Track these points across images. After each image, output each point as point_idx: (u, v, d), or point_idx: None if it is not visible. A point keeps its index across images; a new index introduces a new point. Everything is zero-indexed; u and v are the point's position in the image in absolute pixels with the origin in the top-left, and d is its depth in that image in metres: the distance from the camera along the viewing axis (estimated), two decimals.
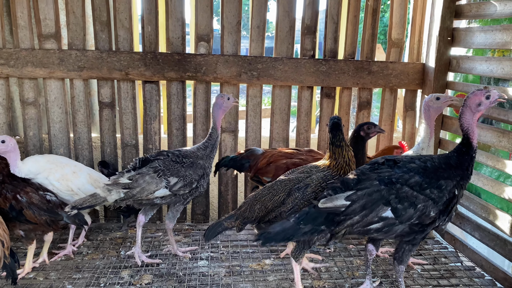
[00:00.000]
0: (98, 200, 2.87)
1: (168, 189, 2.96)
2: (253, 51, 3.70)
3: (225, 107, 3.14)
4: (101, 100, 3.69)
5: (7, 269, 2.33)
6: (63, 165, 3.15)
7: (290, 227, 2.33)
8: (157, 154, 3.07)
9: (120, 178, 2.92)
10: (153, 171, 2.95)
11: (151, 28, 3.59)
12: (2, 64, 3.46)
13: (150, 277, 2.91)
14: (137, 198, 2.93)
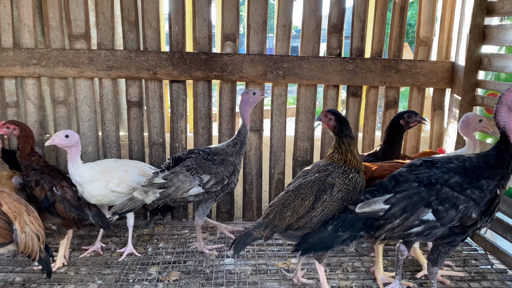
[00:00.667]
0: (136, 203, 2.97)
1: (202, 186, 3.00)
2: (278, 50, 3.70)
3: (251, 102, 3.14)
4: (129, 99, 3.75)
5: (42, 263, 2.40)
6: (114, 169, 3.11)
7: (329, 235, 2.32)
8: (188, 153, 3.12)
9: (155, 178, 2.98)
10: (186, 170, 2.99)
11: (178, 28, 3.63)
12: (35, 64, 3.56)
13: (178, 274, 2.95)
14: (172, 197, 2.99)
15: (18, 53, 3.54)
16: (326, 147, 3.85)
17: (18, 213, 2.25)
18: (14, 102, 3.70)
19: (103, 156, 3.83)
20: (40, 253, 2.36)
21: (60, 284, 2.80)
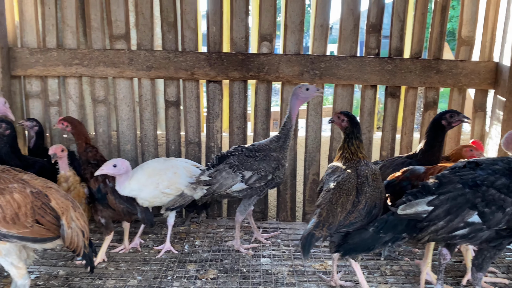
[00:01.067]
0: (186, 199, 3.12)
1: (244, 182, 3.07)
2: (315, 50, 3.68)
3: (302, 97, 3.10)
4: (167, 98, 3.81)
5: (86, 258, 2.46)
6: (164, 170, 3.12)
7: (370, 237, 2.30)
8: (233, 150, 3.20)
9: (201, 176, 3.10)
10: (229, 167, 3.08)
11: (216, 28, 3.66)
12: (77, 64, 3.66)
13: (215, 272, 2.97)
14: (217, 193, 3.10)
15: (62, 53, 3.65)
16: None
17: (65, 209, 2.32)
18: (56, 101, 3.82)
19: (141, 155, 3.91)
20: (84, 249, 2.42)
21: (102, 279, 2.87)
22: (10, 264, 2.26)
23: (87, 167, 3.20)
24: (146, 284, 2.81)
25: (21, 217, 2.14)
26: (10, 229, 2.13)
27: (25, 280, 2.32)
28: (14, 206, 2.13)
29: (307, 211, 3.94)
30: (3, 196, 2.11)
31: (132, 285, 2.79)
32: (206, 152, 3.90)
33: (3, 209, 2.10)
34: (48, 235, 2.27)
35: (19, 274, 2.29)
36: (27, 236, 2.19)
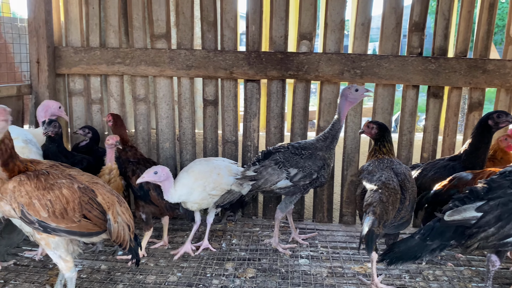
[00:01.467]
0: (235, 195, 3.17)
1: (289, 179, 3.07)
2: (356, 49, 3.62)
3: (351, 98, 3.06)
4: (205, 97, 3.84)
5: (132, 251, 2.50)
6: (209, 173, 3.10)
7: (416, 245, 2.26)
8: (278, 147, 3.21)
9: (247, 171, 3.12)
10: (274, 163, 3.10)
11: (255, 27, 3.65)
12: (119, 63, 3.74)
13: (254, 271, 2.97)
14: (262, 189, 3.12)
15: (105, 52, 3.73)
16: (402, 150, 3.71)
17: (111, 204, 2.37)
18: (98, 99, 3.91)
19: (179, 153, 3.95)
20: (130, 243, 2.47)
21: (142, 275, 2.91)
22: (59, 257, 2.32)
23: (128, 165, 3.26)
24: (185, 281, 2.84)
25: (69, 212, 2.20)
26: (59, 224, 2.19)
27: (72, 273, 2.38)
28: (63, 201, 2.18)
29: (344, 212, 3.88)
30: (52, 191, 2.17)
31: (172, 281, 2.83)
32: (243, 151, 3.91)
33: (53, 204, 2.16)
34: (95, 230, 2.32)
35: (66, 267, 2.35)
36: (75, 230, 2.25)
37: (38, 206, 2.12)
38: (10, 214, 2.20)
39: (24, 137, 2.98)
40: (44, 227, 2.17)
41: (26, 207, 2.11)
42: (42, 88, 3.71)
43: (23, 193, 2.10)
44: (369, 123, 3.01)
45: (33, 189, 2.11)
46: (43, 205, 2.13)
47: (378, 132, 2.94)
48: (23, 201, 2.10)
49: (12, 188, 2.10)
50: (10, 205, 2.12)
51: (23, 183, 2.11)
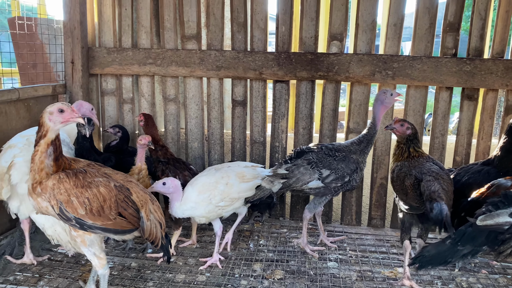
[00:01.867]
0: (265, 192, 3.12)
1: (321, 181, 3.06)
2: (387, 50, 3.56)
3: (387, 103, 3.08)
4: (234, 98, 3.85)
5: (163, 249, 2.53)
6: (214, 184, 2.95)
7: (447, 249, 2.22)
8: (311, 147, 3.20)
9: (279, 169, 3.11)
10: (307, 163, 3.08)
11: (285, 28, 3.64)
12: (151, 63, 3.79)
13: (282, 273, 2.96)
14: (292, 187, 3.11)
15: (137, 53, 3.79)
16: (434, 153, 3.63)
17: (144, 202, 2.40)
18: (130, 99, 3.98)
19: (208, 152, 3.98)
20: (162, 240, 2.50)
21: (172, 273, 2.95)
22: (93, 254, 2.37)
23: (158, 165, 3.31)
24: (214, 281, 2.85)
25: (105, 209, 2.24)
26: (95, 221, 2.24)
27: (105, 270, 2.42)
28: (100, 199, 2.23)
29: (373, 216, 3.83)
30: (90, 189, 2.22)
31: (201, 281, 2.85)
32: (271, 152, 3.90)
33: (90, 202, 2.20)
34: (129, 227, 2.36)
35: (100, 264, 2.40)
36: (110, 228, 2.29)
37: (76, 203, 2.17)
38: (47, 211, 2.26)
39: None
40: (80, 224, 2.22)
41: (65, 204, 2.16)
42: (76, 87, 3.80)
43: (62, 191, 2.15)
44: (404, 122, 2.90)
45: (72, 186, 2.16)
46: (81, 202, 2.17)
47: (412, 134, 2.91)
48: (62, 198, 2.15)
49: (51, 185, 2.16)
50: (48, 202, 2.18)
51: (62, 180, 2.16)
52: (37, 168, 2.18)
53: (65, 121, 2.18)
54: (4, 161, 2.69)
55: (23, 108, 3.31)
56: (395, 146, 3.01)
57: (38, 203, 2.24)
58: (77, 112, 2.20)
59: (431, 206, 2.47)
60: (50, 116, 2.16)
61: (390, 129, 2.97)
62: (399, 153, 2.95)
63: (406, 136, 2.91)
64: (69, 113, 2.18)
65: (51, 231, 2.62)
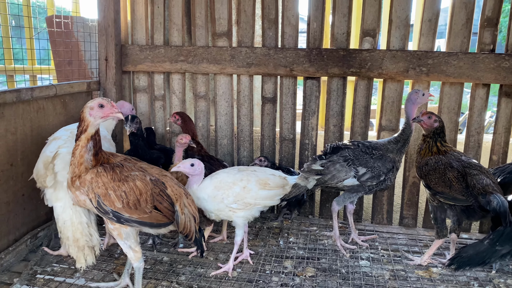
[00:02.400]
0: (300, 189, 3.08)
1: (357, 178, 3.02)
2: (422, 46, 3.49)
3: (419, 103, 3.09)
4: (264, 95, 3.85)
5: (197, 242, 2.55)
6: (230, 184, 2.83)
7: (485, 250, 2.17)
8: (347, 143, 3.16)
9: (313, 164, 3.08)
10: (343, 160, 3.05)
11: (317, 24, 3.62)
12: (182, 61, 3.83)
13: (313, 270, 2.94)
14: (327, 184, 3.08)
15: (168, 50, 3.84)
16: (469, 151, 3.54)
17: (179, 196, 2.43)
18: (161, 96, 4.03)
19: (237, 149, 3.99)
20: (196, 234, 2.52)
21: (203, 268, 2.97)
22: (129, 247, 2.41)
23: None
24: (245, 276, 2.86)
25: (142, 203, 2.27)
26: (131, 214, 2.28)
27: (140, 263, 2.46)
28: (137, 192, 2.26)
29: (405, 215, 3.76)
30: (127, 183, 2.25)
31: (232, 276, 2.86)
32: (300, 149, 3.88)
33: (127, 195, 2.24)
34: (164, 221, 2.39)
35: (135, 257, 2.44)
36: (146, 221, 2.32)
37: (113, 197, 2.21)
38: (85, 204, 2.31)
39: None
40: (117, 217, 2.26)
41: (102, 197, 2.21)
42: (109, 84, 3.87)
43: (100, 184, 2.20)
44: (431, 114, 2.89)
45: (109, 180, 2.20)
46: (118, 196, 2.21)
47: (440, 127, 2.91)
48: (100, 192, 2.20)
49: (90, 179, 2.20)
50: (86, 195, 2.23)
51: (100, 174, 2.21)
52: (76, 162, 2.23)
53: (105, 116, 2.22)
54: (49, 151, 2.78)
55: (60, 104, 3.39)
56: (421, 141, 3.02)
57: (77, 196, 2.29)
58: (116, 108, 2.24)
59: (488, 199, 2.45)
60: (90, 111, 2.21)
61: (417, 122, 2.94)
62: (426, 148, 2.93)
63: (433, 129, 2.90)
64: (109, 108, 2.22)
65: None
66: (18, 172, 3.01)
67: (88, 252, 2.67)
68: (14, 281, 2.74)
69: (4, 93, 2.77)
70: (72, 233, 2.65)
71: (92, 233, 2.70)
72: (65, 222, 2.67)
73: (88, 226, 2.69)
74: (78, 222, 2.66)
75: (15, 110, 2.94)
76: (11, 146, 2.93)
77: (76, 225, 2.66)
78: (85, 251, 2.66)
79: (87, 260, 2.67)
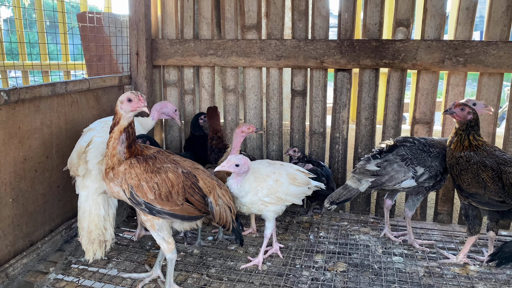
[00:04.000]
0: (352, 192, 2.93)
1: (415, 179, 2.85)
2: (458, 35, 3.36)
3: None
4: (294, 88, 3.80)
5: (235, 232, 2.55)
6: (265, 176, 2.76)
7: None
8: (403, 140, 2.99)
9: (367, 165, 2.91)
10: (401, 159, 2.87)
11: (348, 15, 3.54)
12: (211, 54, 3.82)
13: (345, 265, 2.88)
14: (384, 186, 2.88)
15: (198, 44, 3.84)
16: (509, 146, 3.39)
17: (211, 188, 2.42)
18: (191, 90, 4.05)
19: (266, 144, 3.96)
20: (233, 223, 2.51)
21: (233, 261, 2.96)
22: (162, 239, 2.42)
23: (211, 153, 3.43)
24: (276, 270, 2.84)
25: (173, 195, 2.28)
26: (163, 206, 2.29)
27: (173, 254, 2.47)
28: (168, 184, 2.27)
29: (440, 210, 3.64)
30: (159, 175, 2.26)
31: (262, 270, 2.84)
32: (331, 143, 3.82)
33: (159, 187, 2.25)
34: (195, 214, 2.39)
35: (168, 248, 2.45)
36: (177, 213, 2.33)
37: (146, 188, 2.23)
38: (119, 195, 2.34)
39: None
40: (150, 209, 2.28)
41: (135, 188, 2.23)
42: (140, 79, 3.91)
43: (133, 175, 2.22)
44: (465, 106, 2.74)
45: (142, 171, 2.22)
46: (150, 187, 2.23)
47: (473, 120, 2.75)
48: (133, 183, 2.22)
49: (123, 170, 2.23)
50: (120, 186, 2.26)
51: (134, 166, 2.23)
52: (110, 154, 2.26)
53: (133, 109, 2.25)
54: (83, 141, 2.84)
55: (92, 98, 3.45)
56: (453, 133, 2.84)
57: (111, 188, 2.32)
58: (143, 101, 2.25)
59: None
60: (121, 105, 2.24)
61: (450, 114, 2.80)
62: (458, 141, 2.77)
63: (466, 122, 2.75)
64: (136, 102, 2.24)
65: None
66: (54, 164, 3.09)
67: (97, 247, 2.68)
68: (50, 270, 2.81)
69: (39, 87, 2.83)
70: (87, 223, 2.67)
71: (107, 227, 2.71)
72: (84, 212, 2.70)
73: (104, 220, 2.70)
74: (96, 214, 2.67)
75: (50, 104, 3.01)
76: (46, 139, 3.00)
77: (93, 217, 2.67)
78: (94, 244, 2.67)
79: (96, 254, 2.70)
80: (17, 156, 2.75)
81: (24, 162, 2.82)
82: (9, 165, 2.70)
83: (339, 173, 3.82)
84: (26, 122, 2.81)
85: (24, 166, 2.83)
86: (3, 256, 2.72)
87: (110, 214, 2.75)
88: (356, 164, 3.23)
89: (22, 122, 2.78)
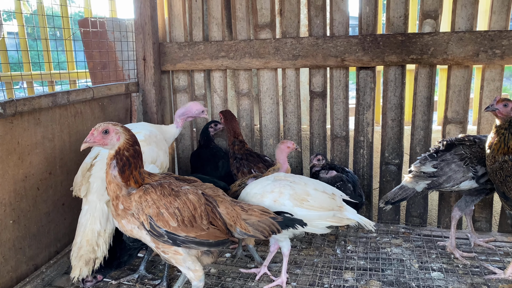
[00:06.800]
0: (408, 192, 2.86)
1: (475, 180, 2.68)
2: (493, 25, 3.06)
3: None
4: (312, 89, 3.53)
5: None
6: (260, 197, 2.48)
7: None
8: (461, 139, 2.83)
9: (423, 166, 2.79)
10: (459, 159, 2.72)
11: (369, 8, 3.26)
12: (223, 56, 3.58)
13: (379, 284, 2.60)
14: (442, 188, 2.77)
15: (208, 46, 3.60)
16: None
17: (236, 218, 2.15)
18: (202, 95, 3.80)
19: None
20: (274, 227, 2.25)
21: (253, 281, 2.69)
22: (187, 268, 2.16)
23: (233, 161, 3.25)
24: None
25: (197, 219, 2.02)
26: (188, 233, 2.02)
27: (201, 282, 2.19)
28: (191, 207, 2.01)
29: (477, 218, 3.33)
30: (179, 198, 2.00)
31: None
32: (354, 147, 3.53)
33: (181, 212, 1.99)
34: (222, 237, 2.13)
35: (196, 276, 2.17)
36: (204, 239, 2.06)
37: (166, 215, 1.96)
38: (132, 233, 2.08)
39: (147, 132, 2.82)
40: (173, 239, 2.01)
41: (155, 218, 1.96)
42: (148, 85, 3.67)
43: (150, 203, 1.95)
44: (508, 101, 2.51)
45: (159, 197, 1.96)
46: (171, 213, 1.96)
47: None
48: (151, 212, 1.95)
49: (138, 198, 1.96)
50: (137, 219, 1.99)
51: (148, 191, 1.97)
52: (107, 182, 2.02)
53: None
54: (89, 157, 2.60)
55: (98, 107, 3.23)
56: (493, 133, 2.57)
57: (123, 226, 2.06)
58: (90, 135, 2.07)
59: None
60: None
61: (492, 110, 2.55)
62: (501, 141, 2.50)
63: (509, 119, 2.52)
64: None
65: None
66: (57, 180, 2.86)
67: (83, 264, 2.39)
68: None
69: (39, 98, 2.61)
70: (80, 238, 2.42)
71: (100, 244, 2.43)
72: (80, 226, 2.46)
73: (98, 235, 2.43)
74: (90, 229, 2.41)
75: (51, 115, 2.79)
76: (49, 154, 2.78)
77: (87, 231, 2.42)
78: (81, 261, 2.39)
79: (82, 271, 2.40)
80: (16, 174, 2.53)
81: (25, 179, 2.60)
82: (8, 184, 2.47)
83: (365, 179, 3.53)
84: (26, 136, 2.59)
85: (25, 184, 2.60)
86: (5, 283, 2.49)
87: (107, 230, 2.47)
88: (411, 164, 2.99)
89: (21, 136, 2.55)
